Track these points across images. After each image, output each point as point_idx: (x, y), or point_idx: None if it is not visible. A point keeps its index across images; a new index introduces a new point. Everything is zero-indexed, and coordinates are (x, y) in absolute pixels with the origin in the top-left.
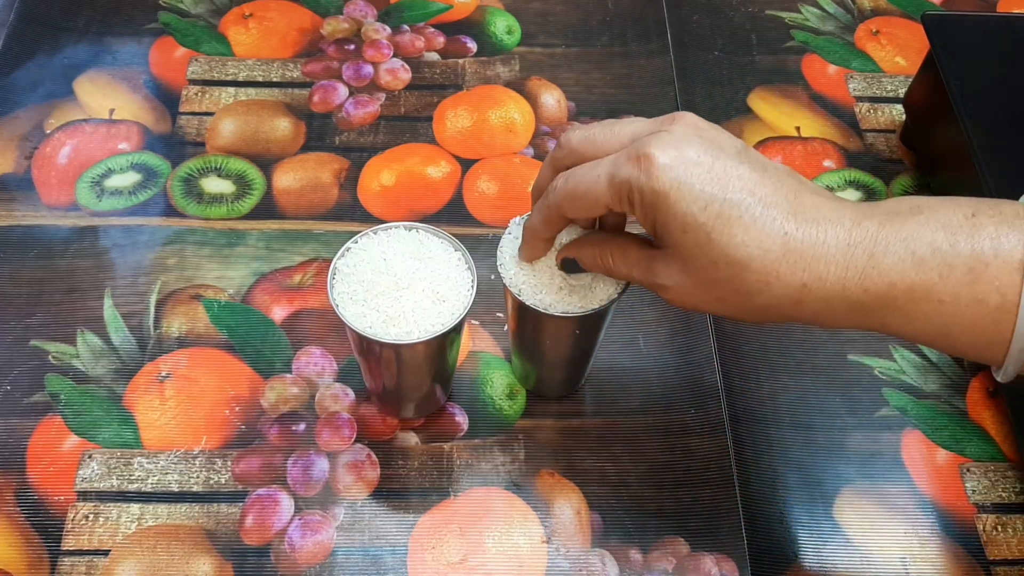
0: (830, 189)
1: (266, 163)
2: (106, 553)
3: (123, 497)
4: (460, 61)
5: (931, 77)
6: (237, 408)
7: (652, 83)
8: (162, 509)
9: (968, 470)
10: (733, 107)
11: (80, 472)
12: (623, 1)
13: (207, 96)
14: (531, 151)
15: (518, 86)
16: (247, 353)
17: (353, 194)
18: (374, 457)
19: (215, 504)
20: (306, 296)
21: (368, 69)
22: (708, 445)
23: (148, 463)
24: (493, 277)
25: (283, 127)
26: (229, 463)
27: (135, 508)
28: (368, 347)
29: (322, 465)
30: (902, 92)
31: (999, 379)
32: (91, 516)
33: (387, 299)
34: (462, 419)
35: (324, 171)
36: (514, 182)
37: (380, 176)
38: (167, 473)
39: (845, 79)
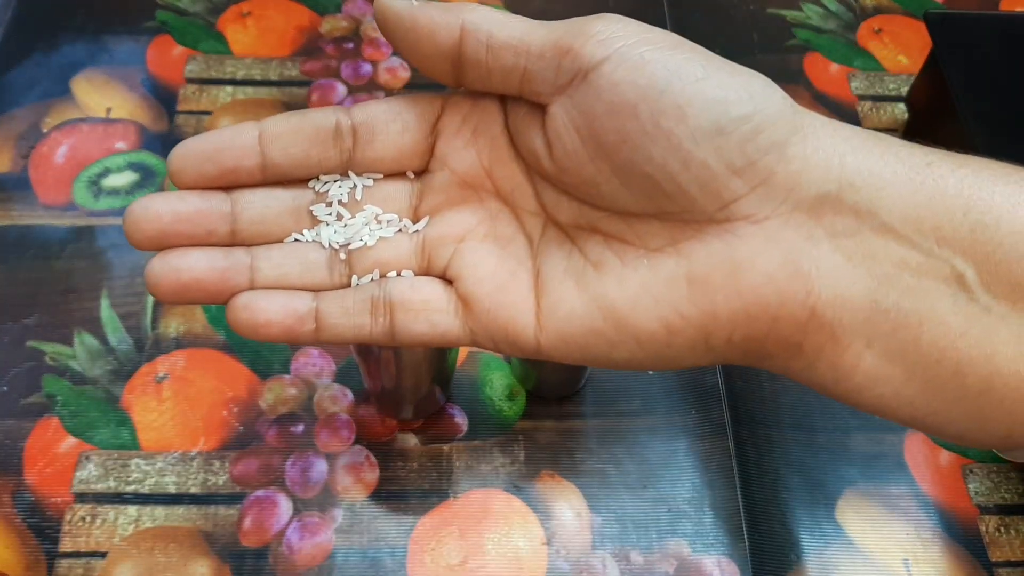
0: None
1: None
2: (103, 555)
3: (120, 499)
4: None
5: (934, 76)
6: (235, 409)
7: None
8: (159, 511)
9: (971, 471)
10: None
11: (77, 474)
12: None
13: (205, 95)
14: None
15: None
16: (245, 354)
17: None
18: (373, 459)
19: (213, 506)
20: None
21: (367, 68)
22: (709, 446)
23: (146, 464)
24: None
25: None
26: (227, 464)
27: (132, 510)
28: (367, 347)
29: (320, 467)
30: (904, 91)
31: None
32: (88, 518)
33: None
34: (462, 420)
35: None
36: None
37: None
38: (164, 475)
39: (847, 78)
